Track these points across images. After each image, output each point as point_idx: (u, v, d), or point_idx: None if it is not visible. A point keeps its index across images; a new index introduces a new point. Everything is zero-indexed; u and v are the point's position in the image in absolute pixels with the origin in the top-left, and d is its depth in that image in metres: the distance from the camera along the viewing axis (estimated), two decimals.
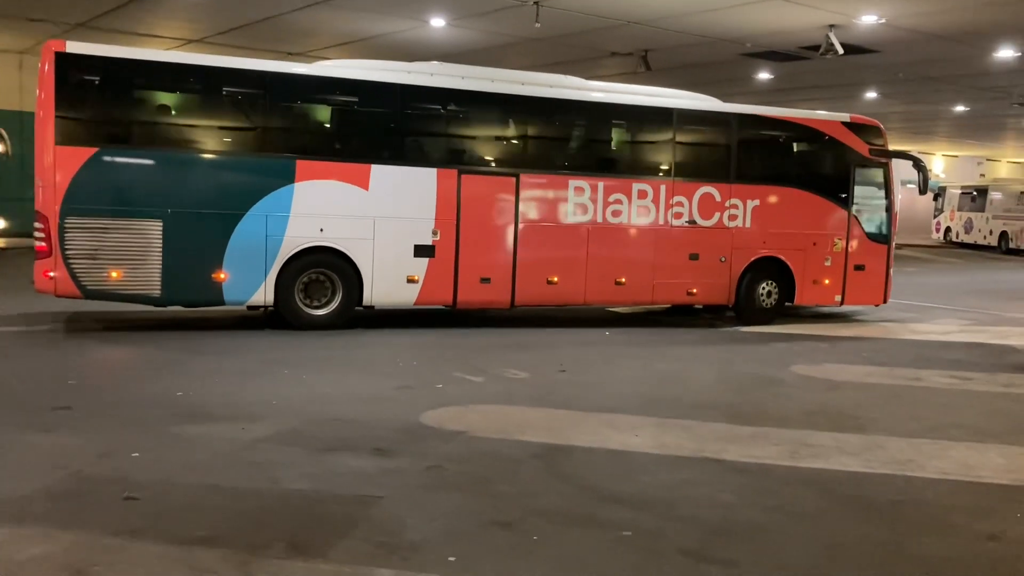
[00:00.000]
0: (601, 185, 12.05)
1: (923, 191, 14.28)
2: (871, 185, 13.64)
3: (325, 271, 10.91)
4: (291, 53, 20.04)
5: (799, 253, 13.12)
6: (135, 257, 10.06)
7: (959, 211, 36.11)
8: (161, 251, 10.09)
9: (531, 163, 11.95)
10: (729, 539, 4.80)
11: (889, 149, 13.75)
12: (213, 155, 10.64)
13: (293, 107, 11.31)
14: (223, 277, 10.37)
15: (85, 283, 9.92)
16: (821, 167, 13.77)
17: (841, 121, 13.48)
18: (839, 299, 13.48)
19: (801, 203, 13.17)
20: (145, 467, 5.59)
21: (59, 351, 9.47)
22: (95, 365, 9.00)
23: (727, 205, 12.70)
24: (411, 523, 4.82)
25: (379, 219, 10.99)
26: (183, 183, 10.30)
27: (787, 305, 13.35)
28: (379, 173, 11.02)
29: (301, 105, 11.39)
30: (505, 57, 19.14)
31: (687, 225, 12.52)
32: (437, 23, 17.01)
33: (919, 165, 13.87)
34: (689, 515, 5.12)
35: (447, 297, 11.48)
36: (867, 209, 13.57)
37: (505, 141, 12.41)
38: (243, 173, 10.59)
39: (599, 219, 12.05)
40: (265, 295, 10.63)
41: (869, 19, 15.39)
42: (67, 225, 9.75)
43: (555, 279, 11.87)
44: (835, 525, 5.10)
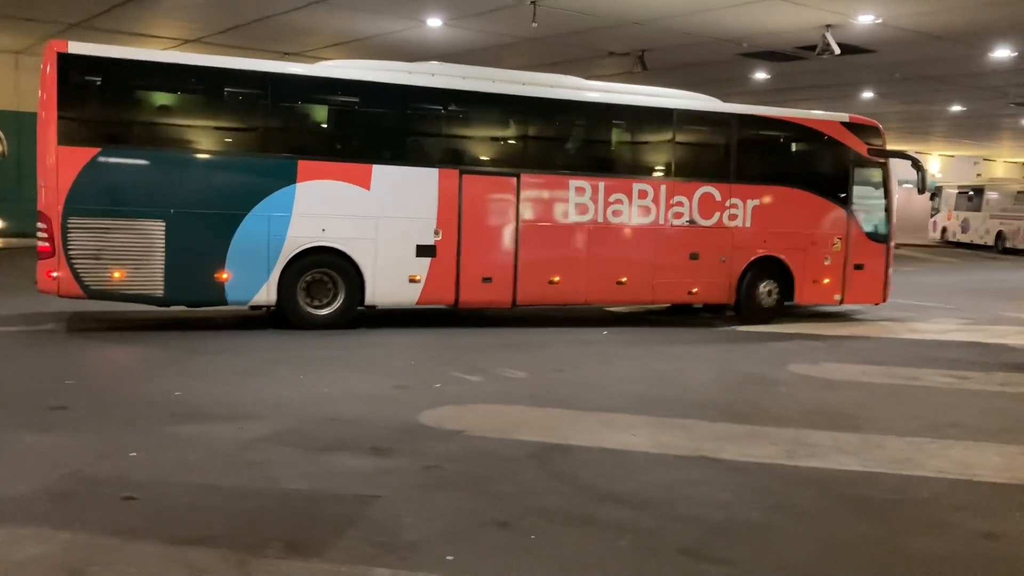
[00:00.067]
0: (602, 185, 12.07)
1: (922, 191, 14.32)
2: (870, 185, 13.68)
3: (327, 271, 10.92)
4: (288, 53, 20.03)
5: (799, 252, 13.15)
6: (138, 257, 10.06)
7: (956, 211, 36.15)
8: (164, 251, 10.10)
9: (532, 163, 11.97)
10: (727, 538, 4.80)
11: (888, 149, 13.79)
12: (215, 155, 10.66)
13: (295, 107, 11.33)
14: (226, 277, 10.38)
15: (88, 283, 9.93)
16: (820, 167, 13.81)
17: (840, 121, 13.52)
18: (839, 298, 13.51)
19: (801, 203, 13.20)
20: (143, 467, 5.59)
21: (57, 351, 9.46)
22: (93, 365, 8.98)
23: (727, 205, 12.73)
24: (409, 523, 4.81)
25: (381, 219, 11.00)
26: (186, 183, 10.31)
27: (787, 304, 13.39)
28: (381, 173, 11.03)
29: (303, 105, 11.40)
30: (502, 57, 19.14)
31: (687, 225, 12.55)
32: (434, 23, 17.01)
33: (917, 165, 13.91)
34: (687, 514, 5.12)
35: (449, 297, 11.48)
36: (866, 209, 13.60)
37: (506, 141, 12.43)
38: (245, 173, 10.60)
39: (600, 219, 12.07)
40: (268, 295, 10.64)
41: (866, 19, 15.42)
42: (70, 225, 9.76)
43: (556, 279, 11.90)
44: (833, 524, 5.10)
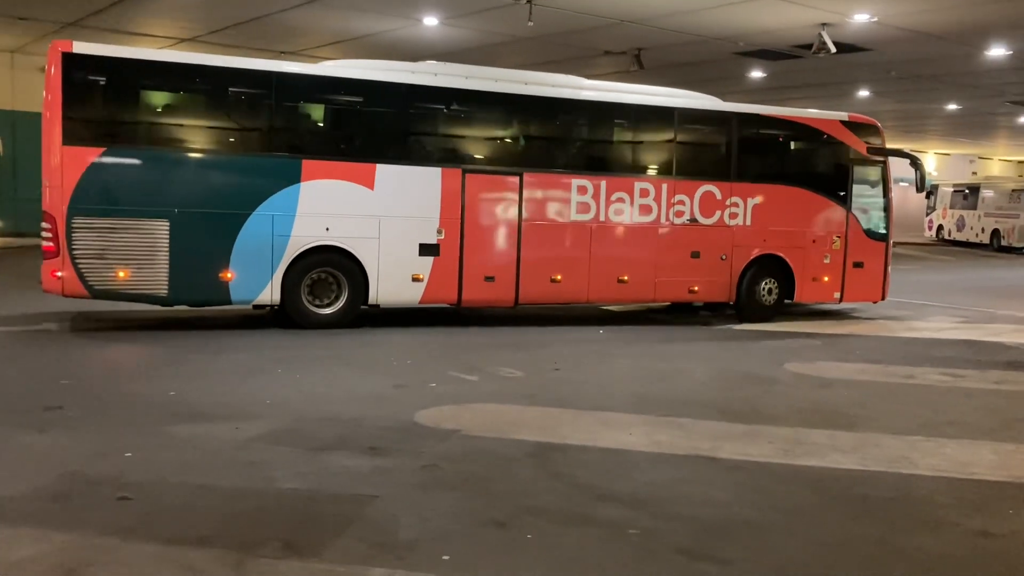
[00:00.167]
0: (604, 184, 12.10)
1: (920, 189, 14.36)
2: (869, 183, 13.75)
3: (331, 270, 10.93)
4: (284, 52, 20.01)
5: (799, 251, 13.22)
6: (142, 257, 10.07)
7: (951, 209, 36.20)
8: (168, 251, 10.10)
9: (534, 162, 12.00)
10: (724, 538, 4.81)
11: (887, 147, 13.86)
12: (219, 155, 10.66)
13: (299, 107, 11.33)
14: (230, 276, 10.39)
15: (92, 283, 9.93)
16: (820, 166, 13.87)
17: (840, 120, 13.59)
18: (838, 296, 13.57)
19: (801, 201, 13.26)
20: (139, 467, 5.58)
21: (54, 350, 9.44)
22: (90, 364, 8.96)
23: (728, 203, 12.77)
24: (405, 522, 4.82)
25: (384, 218, 11.01)
26: (190, 183, 10.31)
27: (786, 302, 13.44)
28: (384, 172, 11.04)
29: (307, 105, 11.40)
30: (498, 56, 19.13)
31: (688, 223, 12.58)
32: (430, 22, 16.99)
33: (916, 163, 13.97)
34: (684, 513, 5.13)
35: (452, 296, 11.50)
36: (865, 207, 13.67)
37: (509, 140, 12.44)
38: (249, 173, 10.59)
39: (602, 217, 12.11)
40: (272, 294, 10.64)
41: (861, 18, 15.43)
42: (74, 225, 9.78)
43: (558, 277, 11.93)
44: (830, 523, 5.11)
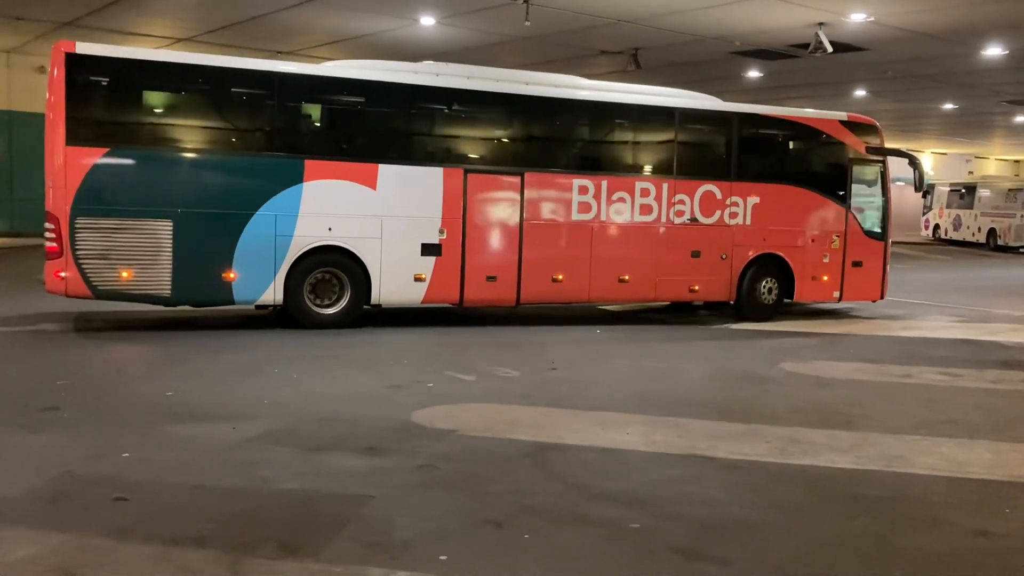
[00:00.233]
0: (605, 183, 12.13)
1: (919, 188, 14.40)
2: (868, 183, 13.82)
3: (333, 270, 10.94)
4: (280, 52, 20.00)
5: (798, 250, 13.27)
6: (145, 257, 10.07)
7: (948, 208, 36.24)
8: (171, 251, 10.10)
9: (536, 162, 12.02)
10: (720, 536, 4.81)
11: (885, 147, 13.91)
12: (222, 155, 10.66)
13: (301, 107, 11.33)
14: (233, 276, 10.39)
15: (96, 283, 9.93)
16: (820, 165, 13.92)
17: (839, 120, 13.64)
18: (837, 295, 13.62)
19: (800, 201, 13.31)
20: (135, 467, 5.57)
21: (50, 351, 9.42)
22: (87, 365, 8.93)
23: (728, 203, 12.81)
24: (402, 522, 4.81)
25: (387, 218, 11.02)
26: (193, 183, 10.32)
27: (786, 302, 13.48)
28: (386, 172, 11.05)
29: (309, 105, 11.39)
30: (495, 56, 19.14)
31: (689, 223, 12.61)
32: (427, 21, 17.00)
33: (914, 163, 14.04)
34: (681, 513, 5.13)
35: (454, 295, 11.51)
36: (864, 206, 13.74)
37: (510, 140, 12.45)
38: (252, 173, 10.59)
39: (603, 217, 12.13)
40: (275, 294, 10.64)
41: (858, 17, 15.45)
42: (78, 225, 9.77)
43: (560, 277, 11.95)
44: (826, 522, 5.12)
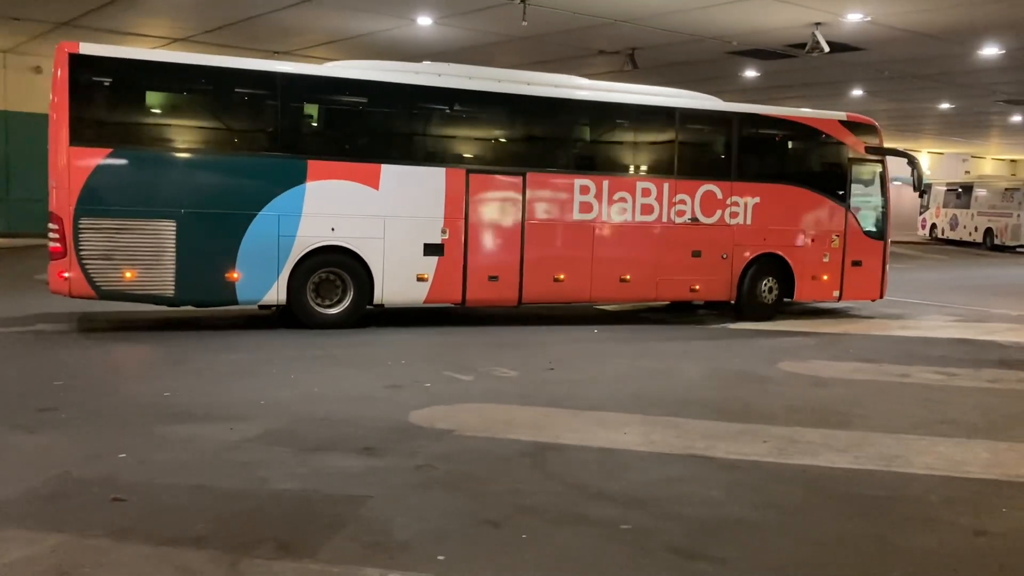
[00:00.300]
0: (606, 183, 12.17)
1: (917, 188, 14.45)
2: (867, 182, 13.89)
3: (336, 270, 10.95)
4: (277, 52, 19.98)
5: (798, 250, 13.32)
6: (149, 257, 10.07)
7: (944, 208, 36.30)
8: (175, 251, 10.11)
9: (537, 162, 12.05)
10: (718, 536, 4.81)
11: (884, 147, 13.97)
12: (226, 155, 10.66)
13: (304, 108, 11.33)
14: (236, 277, 10.39)
15: (100, 284, 9.93)
16: (819, 165, 13.98)
17: (838, 120, 13.71)
18: (837, 295, 13.68)
19: (800, 200, 13.37)
20: (132, 468, 5.57)
21: (47, 351, 9.41)
22: (84, 365, 8.91)
23: (728, 203, 12.86)
24: (400, 522, 4.81)
25: (389, 218, 11.04)
26: (196, 183, 10.33)
27: (786, 301, 13.52)
28: (389, 173, 11.07)
29: (312, 106, 11.39)
30: (492, 55, 19.14)
31: (690, 223, 12.65)
32: (424, 21, 16.99)
33: (913, 162, 14.12)
34: (678, 512, 5.13)
35: (456, 295, 11.52)
36: (864, 206, 13.81)
37: (512, 140, 12.46)
38: (255, 173, 10.60)
39: (604, 217, 12.16)
40: (278, 294, 10.65)
41: (854, 17, 15.47)
42: (81, 226, 9.76)
43: (561, 277, 11.97)
44: (824, 521, 5.12)
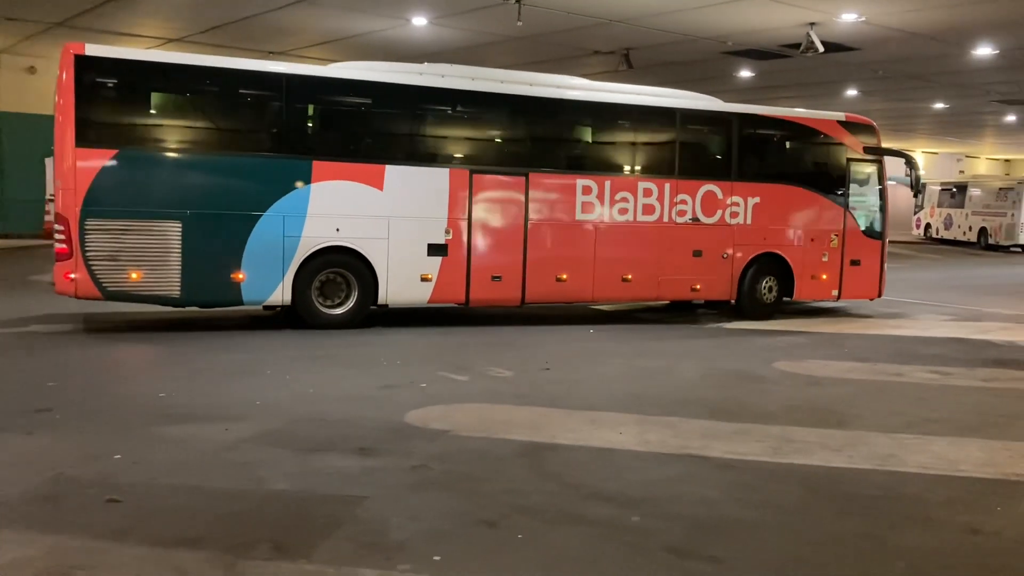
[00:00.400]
0: (608, 184, 12.21)
1: (915, 188, 14.52)
2: (866, 182, 13.98)
3: (341, 271, 10.97)
4: (272, 52, 19.96)
5: (798, 249, 13.40)
6: (155, 258, 10.08)
7: (939, 207, 36.37)
8: (181, 252, 10.12)
9: (540, 162, 12.07)
10: (713, 535, 4.82)
11: (882, 147, 14.05)
12: (231, 156, 10.66)
13: (309, 108, 11.34)
14: (241, 277, 10.41)
15: (106, 285, 9.94)
16: (818, 165, 14.04)
17: (837, 120, 13.79)
18: (836, 294, 13.77)
19: (799, 200, 13.46)
20: (127, 469, 5.56)
21: (42, 352, 9.39)
22: (79, 366, 8.90)
23: (729, 203, 12.92)
24: (396, 523, 4.81)
25: (393, 219, 11.07)
26: (202, 184, 10.34)
27: (785, 300, 13.60)
28: (393, 173, 11.10)
29: (317, 107, 11.40)
30: (488, 56, 19.14)
31: (691, 222, 12.69)
32: (419, 22, 16.99)
33: (911, 163, 14.19)
34: (673, 512, 5.14)
35: (460, 295, 11.55)
36: (862, 206, 13.89)
37: (514, 141, 12.47)
38: (261, 174, 10.60)
39: (606, 217, 12.20)
40: (283, 295, 10.67)
41: (849, 17, 15.50)
42: (87, 227, 9.77)
43: (564, 276, 12.01)
44: (818, 520, 5.13)
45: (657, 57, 19.19)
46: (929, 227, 37.00)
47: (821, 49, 16.22)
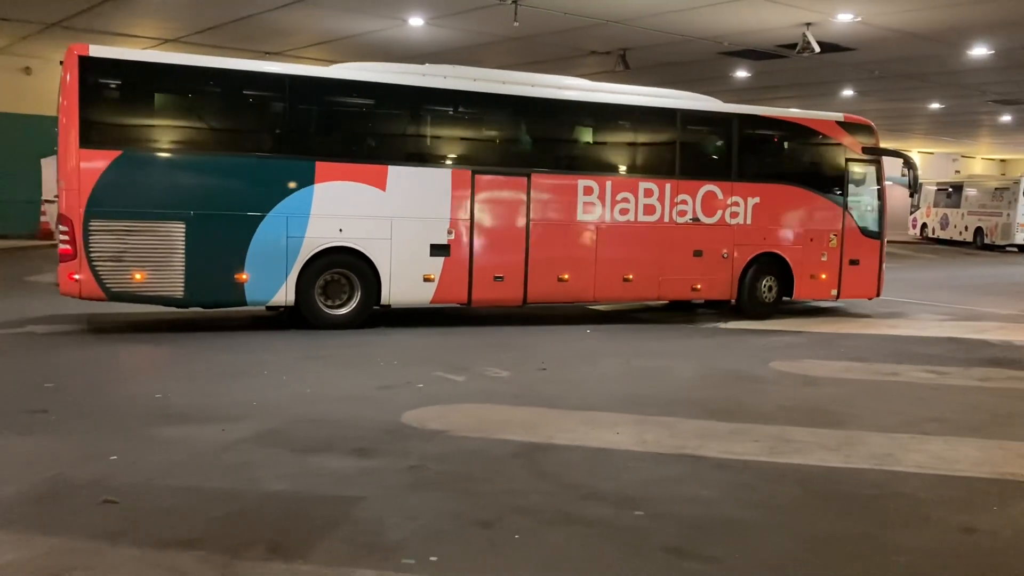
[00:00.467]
0: (609, 184, 12.25)
1: (912, 189, 14.55)
2: (864, 182, 14.05)
3: (344, 271, 10.98)
4: (268, 52, 19.93)
5: (797, 249, 13.46)
6: (159, 259, 10.09)
7: (935, 207, 36.42)
8: (184, 252, 10.12)
9: (542, 163, 12.12)
10: (710, 535, 4.82)
11: (880, 147, 14.09)
12: (235, 157, 10.65)
13: (313, 110, 11.34)
14: (245, 278, 10.42)
15: (110, 285, 9.95)
16: (817, 165, 14.08)
17: (836, 120, 13.86)
18: (835, 293, 13.85)
19: (799, 200, 13.52)
20: (123, 470, 5.55)
21: (38, 353, 9.37)
22: (75, 367, 8.87)
23: (729, 203, 12.97)
24: (392, 523, 4.80)
25: (396, 219, 11.09)
26: (205, 185, 10.35)
27: (785, 300, 13.65)
28: (396, 174, 11.12)
29: (320, 108, 11.40)
30: (484, 56, 19.14)
31: (691, 223, 12.73)
32: (415, 22, 16.98)
33: (909, 163, 14.25)
34: (670, 512, 5.14)
35: (462, 295, 11.57)
36: (861, 206, 13.96)
37: (516, 142, 12.48)
38: (264, 175, 10.60)
39: (607, 217, 12.23)
40: (286, 295, 10.67)
41: (845, 17, 15.52)
42: (92, 228, 9.77)
43: (566, 276, 12.04)
44: (815, 520, 5.13)
45: (653, 57, 19.20)
46: (925, 227, 37.05)
47: (817, 49, 16.25)
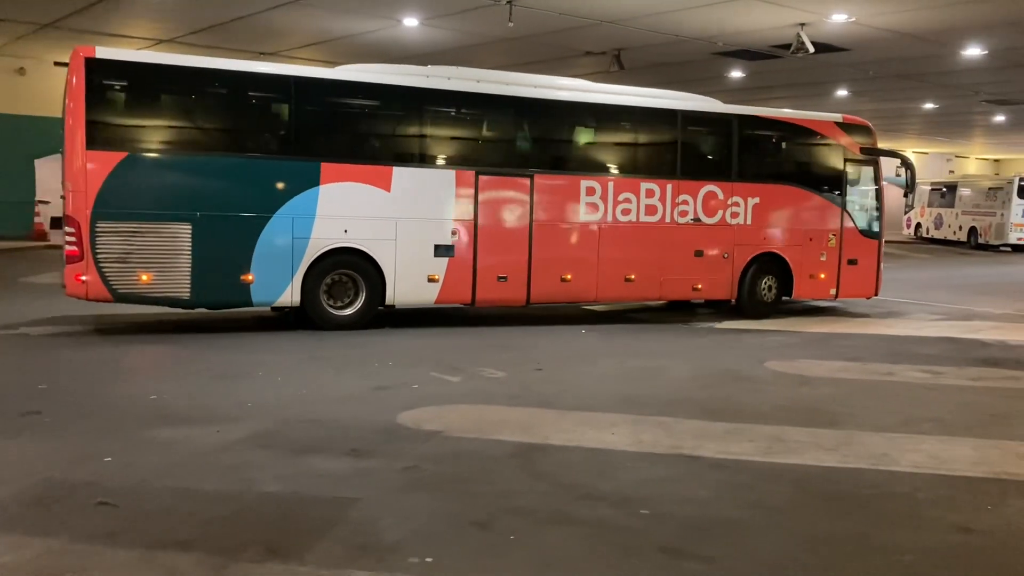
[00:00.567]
0: (611, 185, 12.29)
1: (910, 189, 14.58)
2: (862, 183, 14.13)
3: (349, 272, 10.99)
4: (263, 53, 19.91)
5: (797, 249, 13.52)
6: (165, 260, 10.09)
7: (929, 207, 36.50)
8: (191, 254, 10.12)
9: (545, 163, 12.16)
10: (706, 535, 4.82)
11: (879, 148, 14.16)
12: (241, 158, 10.65)
13: (317, 111, 11.34)
14: (251, 279, 10.42)
15: (116, 287, 9.95)
16: (817, 166, 14.14)
17: (835, 121, 13.92)
18: (834, 293, 13.93)
19: (798, 200, 13.59)
20: (118, 472, 5.53)
21: (32, 355, 9.35)
22: (69, 369, 8.85)
23: (729, 203, 13.01)
24: (388, 524, 4.80)
25: (400, 220, 11.11)
26: (211, 186, 10.36)
27: (784, 299, 13.71)
28: (400, 175, 11.14)
29: (325, 109, 11.40)
30: (479, 56, 19.13)
31: (692, 223, 12.76)
32: (410, 23, 16.98)
33: (907, 163, 14.30)
34: (666, 512, 5.14)
35: (466, 296, 11.59)
36: (859, 206, 14.04)
37: (520, 143, 12.49)
38: (270, 176, 10.60)
39: (609, 218, 12.26)
40: (292, 296, 10.68)
41: (839, 18, 15.56)
42: (98, 229, 9.77)
43: (568, 277, 12.08)
44: (810, 519, 5.14)
45: (648, 58, 19.22)
46: (919, 227, 37.13)
47: (811, 50, 16.28)
